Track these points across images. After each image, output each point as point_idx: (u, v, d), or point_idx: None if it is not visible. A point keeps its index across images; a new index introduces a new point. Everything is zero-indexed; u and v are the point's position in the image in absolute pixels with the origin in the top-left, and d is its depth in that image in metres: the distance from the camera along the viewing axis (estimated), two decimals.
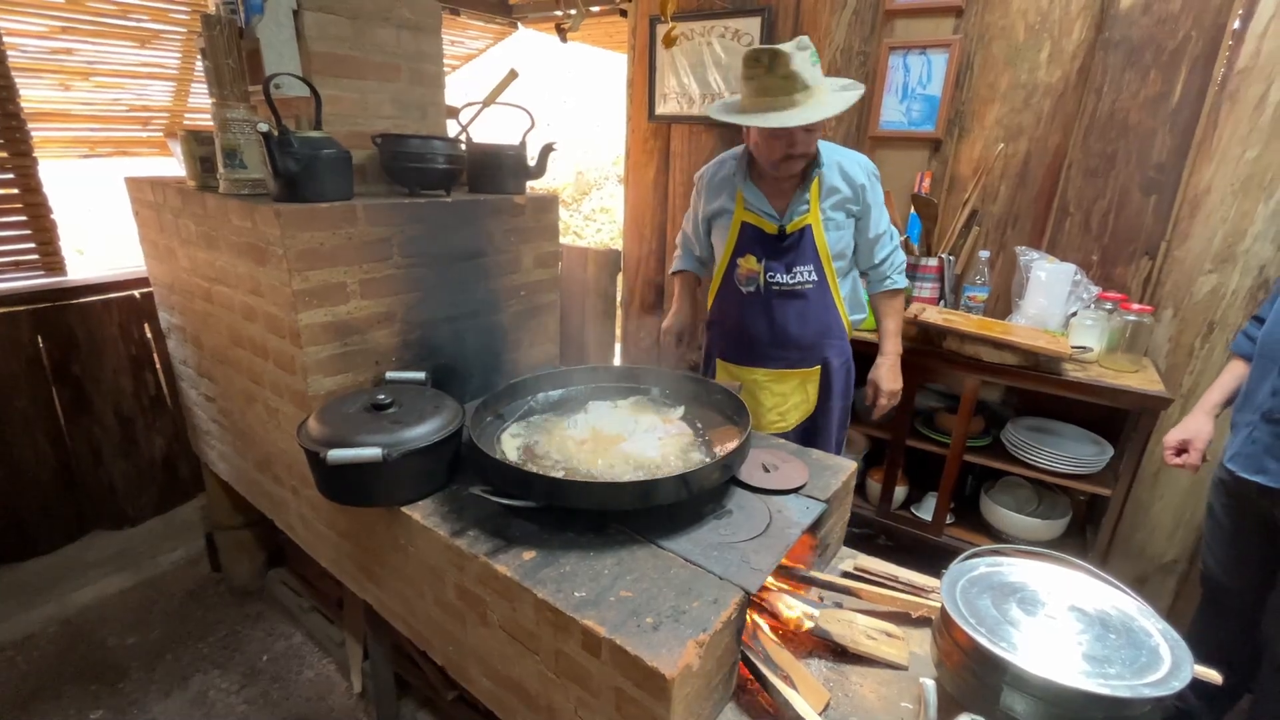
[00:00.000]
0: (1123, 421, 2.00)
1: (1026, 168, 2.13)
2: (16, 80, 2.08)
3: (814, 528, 1.31)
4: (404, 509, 1.24)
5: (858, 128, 2.42)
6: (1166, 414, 1.83)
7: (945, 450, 2.10)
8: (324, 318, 1.38)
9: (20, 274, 2.01)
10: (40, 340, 2.02)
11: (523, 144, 1.81)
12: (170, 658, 2.06)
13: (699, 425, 1.49)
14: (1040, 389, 1.89)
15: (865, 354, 1.91)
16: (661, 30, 2.75)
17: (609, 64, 2.96)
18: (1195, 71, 1.85)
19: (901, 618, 1.26)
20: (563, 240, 8.07)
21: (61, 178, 3.35)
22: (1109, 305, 1.95)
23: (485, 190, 1.77)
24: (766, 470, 1.39)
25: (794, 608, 1.17)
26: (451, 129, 1.81)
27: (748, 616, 1.19)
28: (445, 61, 4.03)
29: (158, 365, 2.29)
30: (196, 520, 2.45)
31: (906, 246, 2.28)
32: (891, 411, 1.89)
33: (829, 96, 1.54)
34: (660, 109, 2.97)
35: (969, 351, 1.94)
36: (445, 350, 1.67)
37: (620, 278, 3.54)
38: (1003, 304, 2.24)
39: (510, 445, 1.38)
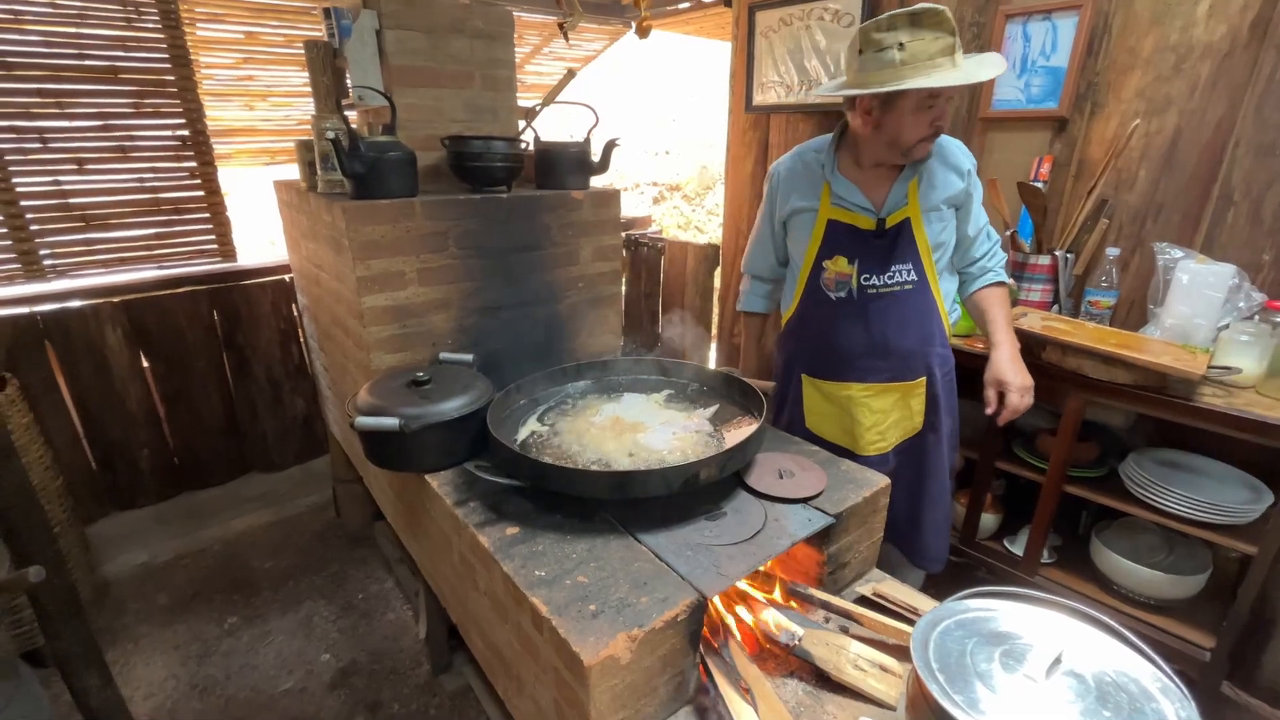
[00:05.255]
0: None
1: (1175, 147, 1.75)
2: (212, 103, 2.59)
3: (820, 542, 1.23)
4: (427, 477, 1.37)
5: (967, 110, 2.15)
6: None
7: (1043, 478, 1.82)
8: (384, 301, 1.56)
9: (203, 260, 2.51)
10: (215, 314, 2.52)
11: (587, 141, 1.87)
12: (292, 584, 2.45)
13: (720, 423, 1.45)
14: (1162, 415, 1.56)
15: (965, 365, 1.72)
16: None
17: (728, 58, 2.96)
18: None
19: (907, 653, 1.13)
20: (683, 235, 8.10)
21: (254, 182, 4.08)
22: (1278, 317, 1.56)
23: (550, 186, 1.86)
24: (781, 476, 1.32)
25: (773, 622, 1.11)
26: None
27: (728, 623, 1.16)
28: (565, 64, 4.26)
29: (301, 338, 2.72)
30: (326, 472, 2.87)
31: (1014, 242, 1.99)
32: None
33: (974, 58, 1.35)
34: (759, 99, 2.87)
35: (1070, 365, 1.66)
36: (499, 336, 1.79)
37: (718, 272, 3.51)
38: (1137, 311, 1.87)
39: (531, 426, 1.46)
